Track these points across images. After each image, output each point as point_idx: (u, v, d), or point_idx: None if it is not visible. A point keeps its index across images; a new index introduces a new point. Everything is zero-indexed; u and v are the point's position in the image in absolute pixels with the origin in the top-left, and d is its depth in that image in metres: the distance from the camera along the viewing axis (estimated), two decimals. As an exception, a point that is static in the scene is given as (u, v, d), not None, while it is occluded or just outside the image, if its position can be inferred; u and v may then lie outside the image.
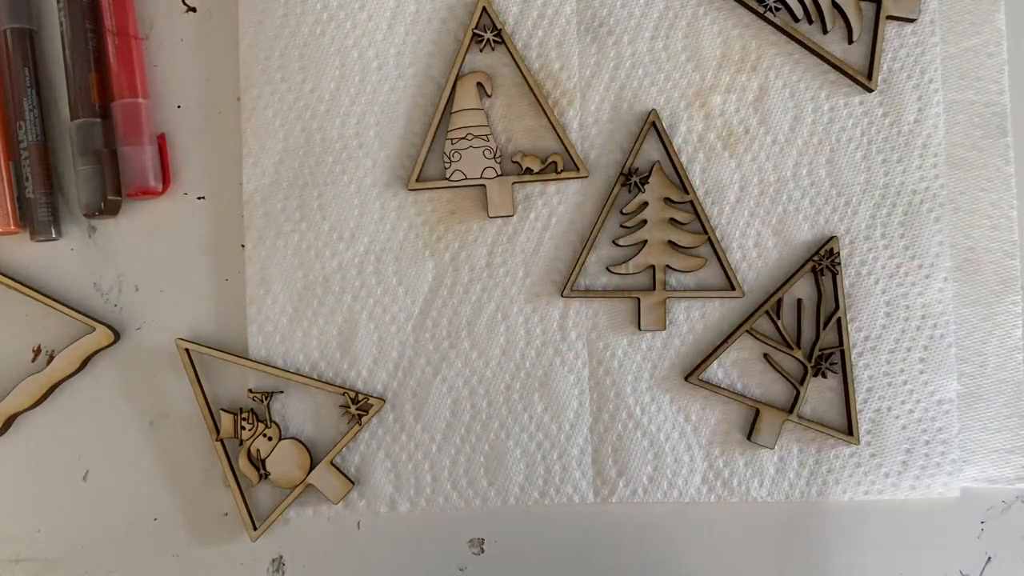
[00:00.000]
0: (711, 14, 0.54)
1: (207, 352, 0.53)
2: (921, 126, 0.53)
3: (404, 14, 0.54)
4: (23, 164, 0.53)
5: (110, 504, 0.54)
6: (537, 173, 0.53)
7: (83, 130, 0.53)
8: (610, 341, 0.54)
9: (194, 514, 0.54)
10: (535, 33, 0.54)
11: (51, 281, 0.55)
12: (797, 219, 0.53)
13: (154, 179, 0.54)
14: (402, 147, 0.54)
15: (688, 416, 0.53)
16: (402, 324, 0.54)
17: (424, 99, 0.54)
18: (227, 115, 0.55)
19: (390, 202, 0.54)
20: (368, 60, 0.54)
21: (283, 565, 0.54)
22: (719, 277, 0.53)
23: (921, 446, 0.53)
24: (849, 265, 0.53)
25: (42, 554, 0.55)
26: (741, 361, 0.53)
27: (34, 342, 0.55)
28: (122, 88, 0.53)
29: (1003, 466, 0.53)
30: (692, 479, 0.53)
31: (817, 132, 0.53)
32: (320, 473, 0.53)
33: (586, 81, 0.54)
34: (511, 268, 0.54)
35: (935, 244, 0.53)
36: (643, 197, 0.53)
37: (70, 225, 0.55)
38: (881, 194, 0.53)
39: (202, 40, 0.55)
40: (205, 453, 0.54)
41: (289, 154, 0.54)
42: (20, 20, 0.53)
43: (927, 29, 0.53)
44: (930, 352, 0.53)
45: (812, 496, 0.53)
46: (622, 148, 0.54)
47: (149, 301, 0.55)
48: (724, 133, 0.54)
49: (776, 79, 0.53)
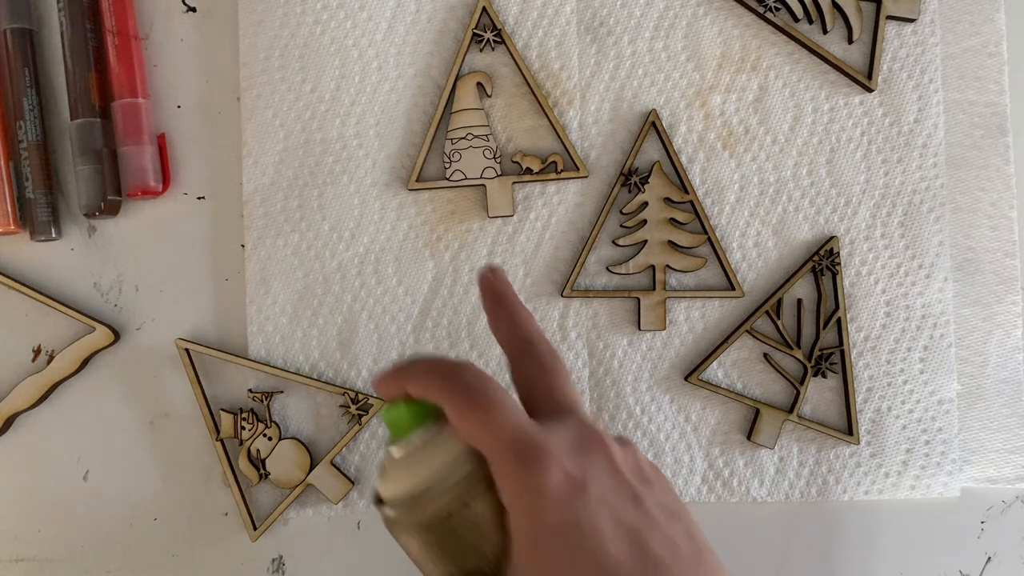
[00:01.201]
0: (711, 14, 0.54)
1: (207, 352, 0.53)
2: (921, 126, 0.53)
3: (404, 14, 0.54)
4: (23, 164, 0.53)
5: (110, 504, 0.54)
6: (537, 173, 0.53)
7: (83, 130, 0.53)
8: (610, 341, 0.54)
9: (194, 514, 0.54)
10: (535, 33, 0.54)
11: (51, 281, 0.55)
12: (797, 219, 0.53)
13: (154, 179, 0.54)
14: (402, 147, 0.54)
15: (688, 416, 0.53)
16: (402, 324, 0.54)
17: (424, 99, 0.54)
18: (227, 115, 0.55)
19: (390, 202, 0.54)
20: (368, 60, 0.54)
21: (283, 565, 0.54)
22: (719, 277, 0.53)
23: (921, 446, 0.53)
24: (849, 265, 0.53)
25: (42, 554, 0.54)
26: (741, 361, 0.53)
27: (34, 342, 0.55)
28: (122, 88, 0.53)
29: (1003, 466, 0.53)
30: (692, 479, 0.53)
31: (817, 132, 0.53)
32: (320, 473, 0.53)
33: (586, 81, 0.54)
34: (511, 268, 0.54)
35: (935, 244, 0.53)
36: (643, 197, 0.53)
37: (70, 225, 0.55)
38: (881, 194, 0.53)
39: (202, 40, 0.55)
40: (205, 453, 0.54)
41: (289, 154, 0.54)
42: (20, 20, 0.53)
43: (927, 29, 0.53)
44: (930, 352, 0.53)
45: (812, 496, 0.53)
46: (622, 148, 0.54)
47: (149, 301, 0.55)
48: (724, 133, 0.54)
49: (776, 79, 0.53)
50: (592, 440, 0.31)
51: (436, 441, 0.32)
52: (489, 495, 0.30)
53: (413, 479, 0.31)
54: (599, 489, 0.29)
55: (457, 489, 0.30)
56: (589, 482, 0.29)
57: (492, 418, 0.30)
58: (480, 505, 0.30)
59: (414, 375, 0.32)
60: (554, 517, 0.28)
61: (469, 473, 0.31)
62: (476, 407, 0.30)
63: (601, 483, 0.30)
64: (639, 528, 0.29)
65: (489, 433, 0.30)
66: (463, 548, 0.31)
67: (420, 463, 0.31)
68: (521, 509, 0.29)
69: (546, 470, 0.29)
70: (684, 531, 0.31)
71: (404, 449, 0.32)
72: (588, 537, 0.28)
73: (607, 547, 0.28)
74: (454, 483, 0.30)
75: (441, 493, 0.30)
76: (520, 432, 0.30)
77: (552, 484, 0.29)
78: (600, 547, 0.28)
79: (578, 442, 0.30)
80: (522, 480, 0.29)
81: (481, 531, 0.30)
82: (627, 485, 0.30)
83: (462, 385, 0.31)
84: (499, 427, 0.30)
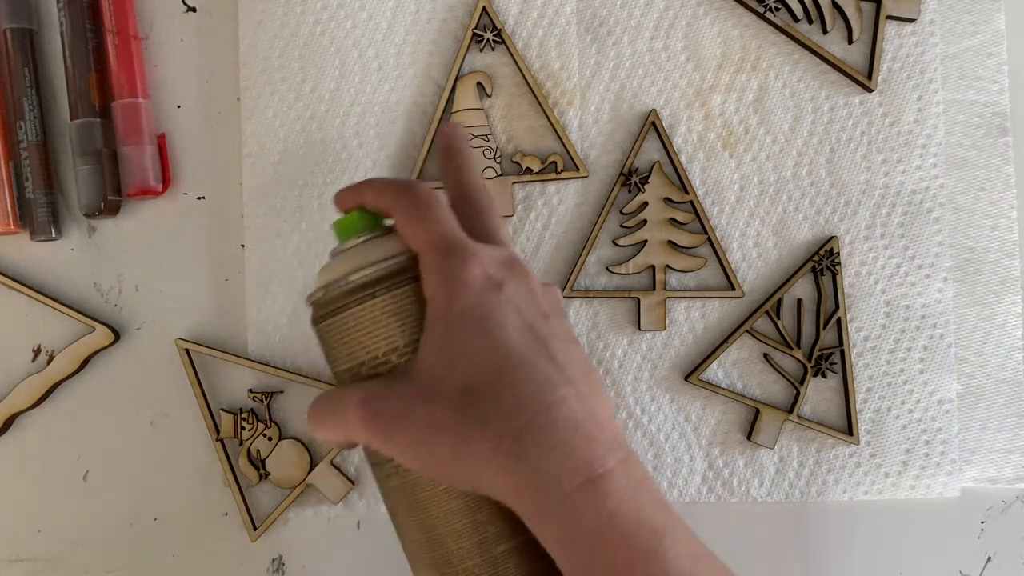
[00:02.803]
0: (711, 14, 0.54)
1: (207, 352, 0.53)
2: (921, 126, 0.53)
3: (404, 14, 0.54)
4: (23, 164, 0.53)
5: (110, 504, 0.54)
6: (537, 173, 0.53)
7: (83, 130, 0.53)
8: (610, 341, 0.54)
9: (194, 514, 0.54)
10: (535, 33, 0.54)
11: (51, 281, 0.55)
12: (797, 219, 0.53)
13: (154, 179, 0.54)
14: (402, 147, 0.54)
15: (688, 416, 0.53)
16: (402, 324, 0.54)
17: (424, 99, 0.54)
18: (227, 115, 0.55)
19: (390, 202, 0.54)
20: (368, 60, 0.54)
21: (283, 565, 0.54)
22: (719, 277, 0.53)
23: (921, 446, 0.53)
24: (849, 265, 0.53)
25: (42, 554, 0.54)
26: (741, 361, 0.53)
27: (34, 342, 0.55)
28: (122, 88, 0.53)
29: (1003, 466, 0.53)
30: (692, 479, 0.53)
31: (817, 132, 0.53)
32: (320, 473, 0.53)
33: (586, 81, 0.54)
34: (511, 268, 0.54)
35: (935, 244, 0.53)
36: (643, 197, 0.53)
37: (70, 225, 0.55)
38: (881, 194, 0.53)
39: (202, 40, 0.55)
40: (205, 453, 0.54)
41: (289, 154, 0.54)
42: (20, 20, 0.53)
43: (927, 29, 0.53)
44: (930, 352, 0.53)
45: (812, 496, 0.53)
46: (622, 148, 0.54)
47: (149, 301, 0.55)
48: (724, 133, 0.54)
49: (776, 79, 0.53)
50: (516, 263, 0.34)
51: (378, 241, 0.35)
52: (412, 288, 0.34)
53: (349, 265, 0.34)
54: (513, 293, 0.33)
55: (386, 273, 0.34)
56: (505, 285, 0.33)
57: (431, 220, 0.34)
58: (401, 294, 0.33)
59: (371, 188, 0.36)
60: (467, 302, 0.32)
61: (400, 267, 0.34)
62: (420, 210, 0.34)
63: (516, 291, 0.33)
64: (543, 334, 0.33)
65: (427, 232, 0.33)
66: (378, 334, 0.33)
67: (359, 254, 0.35)
68: (439, 295, 0.32)
69: (468, 265, 0.32)
70: (580, 353, 0.34)
71: (348, 246, 0.35)
72: (495, 325, 0.32)
73: (511, 336, 0.32)
74: (384, 268, 0.34)
75: (370, 273, 0.34)
76: (453, 234, 0.34)
77: (471, 276, 0.32)
78: (505, 336, 0.32)
79: (503, 260, 0.34)
80: (445, 269, 0.32)
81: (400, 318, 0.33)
82: (539, 303, 0.34)
83: (411, 194, 0.34)
84: (435, 229, 0.33)
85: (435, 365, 0.32)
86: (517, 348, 0.32)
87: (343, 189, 0.37)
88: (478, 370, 0.31)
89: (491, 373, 0.31)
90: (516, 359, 0.32)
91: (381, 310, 0.33)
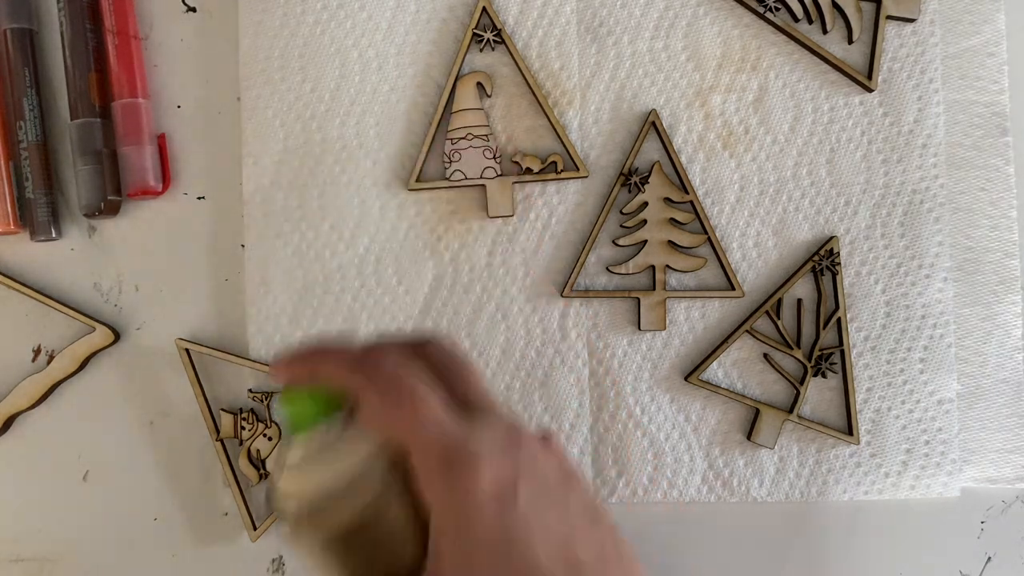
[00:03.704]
0: (711, 14, 0.54)
1: (207, 352, 0.53)
2: (921, 126, 0.53)
3: (404, 14, 0.54)
4: (23, 164, 0.53)
5: (110, 504, 0.54)
6: (537, 173, 0.53)
7: (83, 130, 0.53)
8: (610, 341, 0.54)
9: (194, 514, 0.54)
10: (535, 33, 0.54)
11: (51, 281, 0.55)
12: (797, 219, 0.53)
13: (154, 179, 0.54)
14: (402, 147, 0.54)
15: (688, 416, 0.53)
16: (402, 324, 0.54)
17: (424, 99, 0.54)
18: (227, 115, 0.55)
19: (390, 202, 0.54)
20: (368, 60, 0.54)
21: (283, 565, 0.54)
22: (719, 277, 0.53)
23: (921, 446, 0.53)
24: (849, 265, 0.53)
25: (42, 554, 0.54)
26: (741, 361, 0.53)
27: (34, 342, 0.55)
28: (122, 88, 0.53)
29: (1003, 466, 0.53)
30: (692, 479, 0.53)
31: (817, 132, 0.53)
32: (320, 473, 0.53)
33: (586, 81, 0.54)
34: (511, 268, 0.54)
35: (935, 244, 0.53)
36: (643, 197, 0.53)
37: (70, 225, 0.55)
38: (881, 194, 0.53)
39: (202, 40, 0.55)
40: (205, 453, 0.54)
41: (289, 154, 0.54)
42: (20, 20, 0.53)
43: (927, 29, 0.53)
44: (930, 352, 0.53)
45: (812, 496, 0.53)
46: (622, 148, 0.54)
47: (149, 301, 0.55)
48: (724, 133, 0.54)
49: (776, 79, 0.53)
50: (519, 441, 0.29)
51: (344, 437, 0.28)
52: (403, 500, 0.28)
53: (318, 482, 0.28)
54: (528, 495, 0.28)
55: (369, 497, 0.28)
56: (519, 488, 0.28)
57: (417, 415, 0.27)
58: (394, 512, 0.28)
59: (325, 360, 0.29)
60: (484, 525, 0.27)
61: (381, 477, 0.28)
62: (398, 401, 0.28)
63: (529, 488, 0.28)
64: (566, 534, 0.28)
65: (414, 432, 0.27)
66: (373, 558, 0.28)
67: (326, 464, 0.28)
68: (447, 516, 0.27)
69: (476, 476, 0.27)
70: (607, 534, 0.30)
71: (307, 446, 0.28)
72: (518, 547, 0.27)
73: (538, 557, 0.27)
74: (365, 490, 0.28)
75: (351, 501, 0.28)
76: (447, 432, 0.27)
77: (482, 490, 0.27)
78: (531, 557, 0.27)
79: (506, 443, 0.29)
80: (450, 485, 0.27)
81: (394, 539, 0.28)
82: (553, 489, 0.29)
83: (382, 375, 0.28)
84: (424, 425, 0.27)
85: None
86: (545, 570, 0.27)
87: (286, 359, 0.30)
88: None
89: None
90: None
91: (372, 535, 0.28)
